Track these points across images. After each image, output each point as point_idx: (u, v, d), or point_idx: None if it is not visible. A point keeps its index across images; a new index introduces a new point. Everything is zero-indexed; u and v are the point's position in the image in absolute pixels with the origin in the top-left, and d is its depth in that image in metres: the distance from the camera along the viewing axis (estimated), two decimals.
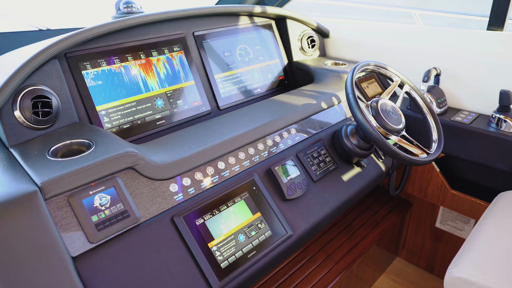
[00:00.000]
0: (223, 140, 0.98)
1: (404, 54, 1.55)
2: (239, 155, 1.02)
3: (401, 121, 1.12)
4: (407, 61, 1.54)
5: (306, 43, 1.66)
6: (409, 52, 1.53)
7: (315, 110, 1.25)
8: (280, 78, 1.60)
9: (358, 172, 1.24)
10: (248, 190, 0.97)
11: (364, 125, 0.99)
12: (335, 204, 1.11)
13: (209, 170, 0.96)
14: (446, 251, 1.69)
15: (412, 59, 1.53)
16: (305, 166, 1.12)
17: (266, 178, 1.03)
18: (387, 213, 1.65)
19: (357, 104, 1.00)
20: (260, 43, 1.56)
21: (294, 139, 1.16)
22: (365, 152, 1.19)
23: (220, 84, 1.40)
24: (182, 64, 1.29)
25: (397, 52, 1.57)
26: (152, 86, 1.21)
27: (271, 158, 1.08)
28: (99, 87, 1.11)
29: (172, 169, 0.89)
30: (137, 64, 1.19)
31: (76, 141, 0.88)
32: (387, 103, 1.13)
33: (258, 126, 1.07)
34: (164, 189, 0.88)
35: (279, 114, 1.15)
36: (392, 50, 1.58)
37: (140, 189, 0.84)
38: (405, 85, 1.21)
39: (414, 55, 1.52)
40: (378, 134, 0.98)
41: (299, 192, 1.04)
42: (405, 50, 1.54)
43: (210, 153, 0.95)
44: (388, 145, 0.98)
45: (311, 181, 1.11)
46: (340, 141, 1.20)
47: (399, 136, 1.11)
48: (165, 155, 0.91)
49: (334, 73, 1.48)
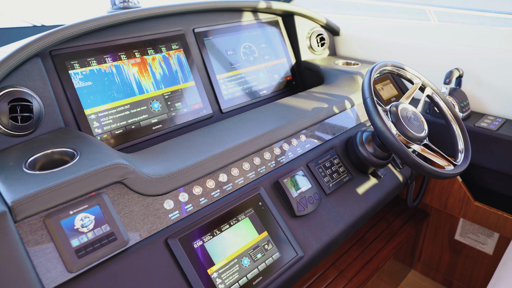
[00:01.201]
0: (226, 148, 0.87)
1: (422, 53, 1.43)
2: (244, 166, 0.91)
3: (423, 128, 1.00)
4: (424, 62, 1.42)
5: (316, 41, 1.55)
6: (427, 52, 1.41)
7: (326, 115, 1.13)
8: (287, 78, 1.48)
9: (374, 183, 1.13)
10: (254, 206, 0.86)
11: (384, 133, 0.87)
12: (350, 220, 1.00)
13: (210, 183, 0.85)
14: (466, 265, 1.56)
15: (430, 59, 1.41)
16: (316, 177, 1.00)
17: (273, 191, 0.92)
18: (403, 224, 1.53)
19: (376, 110, 0.89)
20: (266, 41, 1.44)
21: (304, 147, 1.05)
22: (382, 162, 1.07)
23: (223, 85, 1.29)
24: (180, 64, 1.18)
25: (414, 52, 1.45)
26: (147, 88, 1.10)
27: (279, 168, 0.96)
28: (88, 88, 1.00)
29: (167, 183, 0.78)
30: (131, 64, 1.08)
31: (58, 151, 0.78)
32: (408, 108, 1.01)
33: (265, 133, 0.96)
34: (158, 206, 0.77)
35: (288, 119, 1.03)
36: (408, 49, 1.46)
37: (129, 207, 0.73)
38: (427, 88, 1.09)
39: (433, 55, 1.40)
40: (399, 144, 0.86)
41: (311, 208, 0.93)
42: (423, 49, 1.42)
43: (210, 164, 0.84)
44: (411, 156, 0.86)
45: (324, 194, 1.00)
46: (354, 149, 1.08)
47: (421, 145, 0.99)
48: (159, 166, 0.80)
49: (346, 74, 1.36)
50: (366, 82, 0.94)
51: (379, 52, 1.55)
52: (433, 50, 1.40)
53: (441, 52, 1.38)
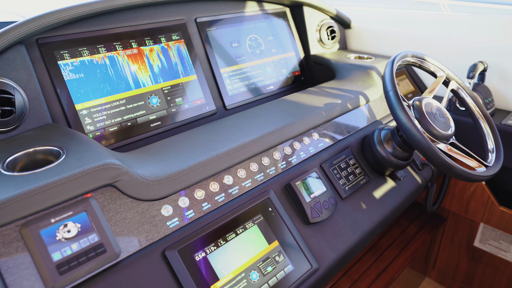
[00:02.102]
0: (231, 147, 0.78)
1: (441, 46, 1.33)
2: (251, 167, 0.82)
3: (449, 125, 0.90)
4: (444, 55, 1.32)
5: (326, 34, 1.45)
6: (446, 44, 1.32)
7: (341, 111, 1.04)
8: (295, 74, 1.39)
9: (393, 186, 1.03)
10: (263, 212, 0.77)
11: (410, 129, 0.78)
12: (368, 227, 0.90)
13: (213, 186, 0.75)
14: (486, 274, 1.46)
15: (450, 53, 1.31)
16: (331, 179, 0.91)
17: (284, 195, 0.82)
18: (418, 229, 1.44)
19: (400, 104, 0.79)
20: (273, 33, 1.35)
21: (317, 146, 0.95)
22: (402, 163, 0.97)
23: (227, 79, 1.19)
24: (180, 56, 1.09)
25: (432, 45, 1.35)
26: (144, 82, 1.01)
27: (290, 170, 0.87)
28: (80, 81, 0.91)
29: (165, 186, 0.68)
30: (126, 55, 0.99)
31: (42, 149, 0.68)
32: (432, 104, 0.91)
33: (274, 130, 0.86)
34: (154, 212, 0.67)
35: (299, 115, 0.94)
36: (426, 42, 1.36)
37: (122, 214, 0.64)
38: (451, 82, 1.00)
39: (453, 48, 1.30)
40: (427, 142, 0.77)
41: (326, 213, 0.83)
42: (442, 42, 1.33)
43: (214, 165, 0.75)
44: (440, 156, 0.76)
45: (339, 199, 0.90)
46: (371, 149, 0.99)
47: (447, 144, 0.89)
48: (156, 167, 0.71)
49: (359, 68, 1.27)
50: (388, 73, 0.84)
51: (393, 46, 1.45)
52: (453, 43, 1.30)
53: (462, 44, 1.28)
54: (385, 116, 1.18)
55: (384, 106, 1.20)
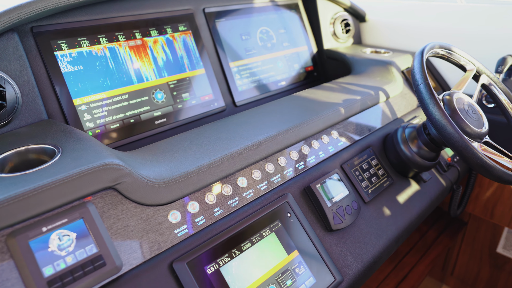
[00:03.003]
0: (245, 146, 0.70)
1: (464, 39, 1.25)
2: (267, 168, 0.74)
3: (483, 122, 0.82)
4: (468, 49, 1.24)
5: (340, 27, 1.37)
6: (470, 37, 1.23)
7: (360, 108, 0.96)
8: (308, 69, 1.31)
9: (417, 189, 0.95)
10: (281, 218, 0.69)
11: (445, 127, 0.69)
12: (393, 233, 0.82)
13: (226, 189, 0.68)
14: (510, 282, 1.38)
15: (475, 46, 1.23)
16: (353, 182, 0.83)
17: (303, 199, 0.75)
18: (438, 234, 1.35)
19: (434, 98, 0.71)
20: (285, 26, 1.27)
21: (337, 145, 0.87)
22: (428, 163, 0.89)
23: (237, 74, 1.11)
24: (186, 48, 1.01)
25: (454, 38, 1.27)
26: (147, 75, 0.93)
27: (309, 171, 0.79)
28: (79, 74, 0.83)
29: (172, 189, 0.61)
30: (129, 46, 0.91)
31: (35, 148, 0.61)
32: (463, 99, 0.83)
33: (291, 127, 0.78)
34: (161, 219, 0.60)
35: (317, 112, 0.86)
36: (447, 34, 1.28)
37: (124, 221, 0.56)
38: (482, 76, 0.91)
39: (478, 41, 1.22)
40: (465, 141, 0.69)
41: (349, 219, 0.75)
42: (465, 35, 1.24)
43: (227, 165, 0.67)
44: (480, 156, 0.68)
45: (362, 203, 0.82)
46: (395, 148, 0.91)
47: (481, 143, 0.81)
48: (163, 168, 0.63)
49: (377, 63, 1.19)
50: (418, 65, 0.76)
51: (411, 40, 1.37)
52: (478, 36, 1.22)
53: (488, 37, 1.20)
54: (406, 113, 1.10)
55: (405, 103, 1.12)
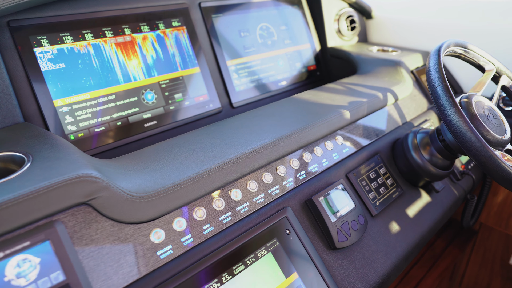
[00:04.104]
0: (240, 154, 0.63)
1: (479, 38, 1.17)
2: (264, 178, 0.67)
3: (504, 129, 0.75)
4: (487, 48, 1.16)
5: (345, 24, 1.29)
6: (486, 35, 1.15)
7: (367, 111, 0.88)
8: (310, 68, 1.23)
9: (429, 200, 0.87)
10: (279, 236, 0.62)
11: (466, 134, 0.62)
12: (402, 250, 0.75)
13: (218, 203, 0.61)
14: None
15: (494, 45, 1.15)
16: (359, 193, 0.75)
17: (304, 214, 0.67)
18: (447, 244, 1.28)
19: (454, 102, 0.64)
20: (286, 23, 1.20)
21: (341, 152, 0.80)
22: (442, 172, 0.82)
23: (234, 73, 1.04)
24: (179, 45, 0.94)
25: (467, 36, 1.19)
26: (135, 74, 0.86)
27: (311, 181, 0.72)
28: (60, 72, 0.76)
29: (156, 204, 0.54)
30: (115, 43, 0.84)
31: (1, 156, 0.54)
32: (483, 102, 0.76)
33: (292, 133, 0.71)
34: (142, 239, 0.52)
35: (320, 115, 0.79)
36: (464, 32, 1.20)
37: (98, 242, 0.49)
38: (503, 77, 0.84)
39: (496, 40, 1.14)
40: (488, 151, 0.61)
41: (355, 236, 0.68)
42: (480, 33, 1.16)
43: (219, 176, 0.60)
44: (505, 168, 0.61)
45: (369, 216, 0.75)
46: (405, 155, 0.83)
47: (503, 151, 0.73)
48: (146, 179, 0.56)
49: (385, 63, 1.11)
50: (434, 65, 0.68)
51: (422, 38, 1.29)
52: (495, 34, 1.14)
53: (506, 34, 1.12)
54: (416, 116, 1.03)
55: (415, 105, 1.04)
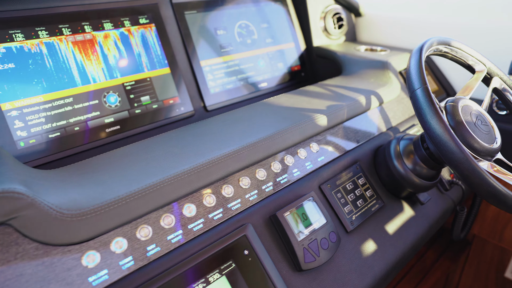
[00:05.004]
0: (197, 164, 0.57)
1: (475, 36, 1.10)
2: (224, 191, 0.60)
3: (494, 136, 0.68)
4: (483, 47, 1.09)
5: (332, 22, 1.23)
6: (483, 34, 1.08)
7: (348, 115, 0.82)
8: (294, 68, 1.17)
9: (414, 212, 0.81)
10: (235, 257, 0.55)
11: (447, 144, 0.55)
12: (381, 270, 0.68)
13: (167, 220, 0.54)
14: None
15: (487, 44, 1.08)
16: (333, 207, 0.69)
17: (268, 231, 0.61)
18: (438, 256, 1.21)
19: (434, 107, 0.57)
20: (268, 20, 1.13)
21: (316, 160, 0.73)
22: (426, 183, 0.75)
23: (209, 74, 0.98)
24: (145, 44, 0.88)
25: (464, 34, 1.12)
26: (94, 76, 0.80)
27: (277, 194, 0.65)
28: (8, 73, 0.70)
29: (91, 223, 0.47)
30: (72, 42, 0.78)
31: None
32: (471, 107, 0.69)
33: (259, 140, 0.65)
34: (71, 263, 0.46)
35: (293, 120, 0.72)
36: (455, 31, 1.13)
37: (17, 268, 0.43)
38: (494, 78, 0.77)
39: (492, 38, 1.07)
40: (473, 163, 0.54)
41: (325, 255, 0.61)
42: (477, 31, 1.09)
43: (170, 190, 0.54)
44: (492, 184, 0.54)
45: (344, 233, 0.68)
46: (387, 164, 0.77)
47: (492, 161, 0.67)
48: (83, 193, 0.50)
49: (371, 63, 1.05)
50: (415, 65, 0.62)
51: (414, 36, 1.22)
52: (492, 33, 1.07)
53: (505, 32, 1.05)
54: (403, 121, 0.96)
55: (401, 109, 0.98)
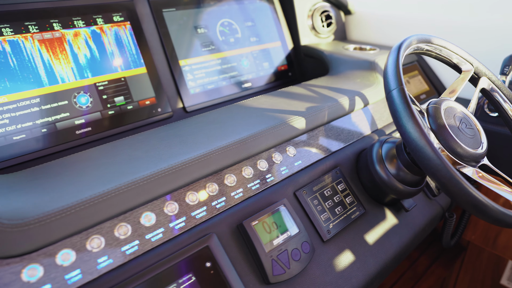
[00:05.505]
0: (159, 170, 0.53)
1: (468, 34, 1.05)
2: (188, 198, 0.57)
3: (480, 140, 0.64)
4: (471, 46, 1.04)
5: (320, 20, 1.19)
6: (476, 32, 1.04)
7: (328, 117, 0.78)
8: (281, 68, 1.13)
9: (398, 220, 0.77)
10: (196, 269, 0.51)
11: (422, 149, 0.51)
12: (359, 281, 0.64)
13: (122, 230, 0.51)
14: None
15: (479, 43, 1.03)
16: (309, 215, 0.65)
17: (235, 241, 0.57)
18: (431, 262, 1.16)
19: (409, 109, 0.53)
20: (253, 18, 1.09)
21: (293, 165, 0.70)
22: (410, 190, 0.71)
23: (189, 74, 0.94)
24: (119, 43, 0.84)
25: (456, 32, 1.07)
26: (63, 76, 0.76)
27: (247, 202, 0.61)
28: None
29: (33, 234, 0.44)
30: (37, 40, 0.74)
31: None
32: (455, 109, 0.65)
33: (230, 144, 0.61)
34: (9, 278, 0.43)
35: (268, 122, 0.68)
36: (449, 29, 1.09)
37: None
38: (482, 79, 0.72)
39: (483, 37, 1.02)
40: (451, 171, 0.50)
41: (296, 267, 0.58)
42: (470, 29, 1.05)
43: (126, 197, 0.50)
44: (472, 193, 0.49)
45: (319, 243, 0.64)
46: (369, 169, 0.73)
47: (477, 168, 0.62)
48: (29, 201, 0.47)
49: (359, 62, 1.01)
50: (392, 64, 0.58)
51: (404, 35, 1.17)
52: (484, 30, 1.03)
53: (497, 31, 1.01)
54: (389, 123, 0.92)
55: (388, 110, 0.93)
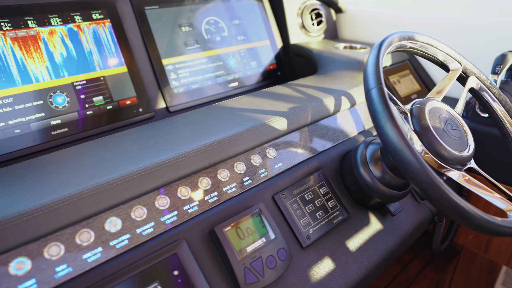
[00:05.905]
0: (128, 172, 0.51)
1: (461, 33, 1.02)
2: (157, 202, 0.54)
3: (466, 142, 0.61)
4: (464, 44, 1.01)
5: (309, 18, 1.16)
6: (468, 30, 1.01)
7: (312, 118, 0.75)
8: (270, 67, 1.10)
9: (384, 225, 0.74)
10: (162, 278, 0.49)
11: (401, 152, 0.48)
12: None
13: (83, 236, 0.48)
14: None
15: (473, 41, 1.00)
16: (288, 220, 0.62)
17: (206, 249, 0.54)
18: (423, 266, 1.13)
19: (387, 109, 0.50)
20: (241, 16, 1.07)
21: (273, 167, 0.67)
22: (395, 193, 0.68)
23: (172, 73, 0.92)
24: (97, 41, 0.82)
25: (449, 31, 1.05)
26: (37, 75, 0.74)
27: (222, 206, 0.59)
28: None
29: None
30: (10, 37, 0.72)
31: None
32: (441, 109, 0.62)
33: (206, 145, 0.59)
34: None
35: (247, 123, 0.66)
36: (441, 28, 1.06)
37: None
38: (471, 78, 0.70)
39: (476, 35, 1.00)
40: (429, 174, 0.47)
41: (271, 275, 0.55)
42: (462, 27, 1.02)
43: (89, 202, 0.48)
44: (451, 198, 0.47)
45: (298, 249, 0.62)
46: (353, 171, 0.70)
47: (463, 171, 0.60)
48: None
49: (347, 61, 0.98)
50: (372, 62, 0.55)
51: None
52: (477, 29, 1.00)
53: (487, 29, 0.98)
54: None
55: None
